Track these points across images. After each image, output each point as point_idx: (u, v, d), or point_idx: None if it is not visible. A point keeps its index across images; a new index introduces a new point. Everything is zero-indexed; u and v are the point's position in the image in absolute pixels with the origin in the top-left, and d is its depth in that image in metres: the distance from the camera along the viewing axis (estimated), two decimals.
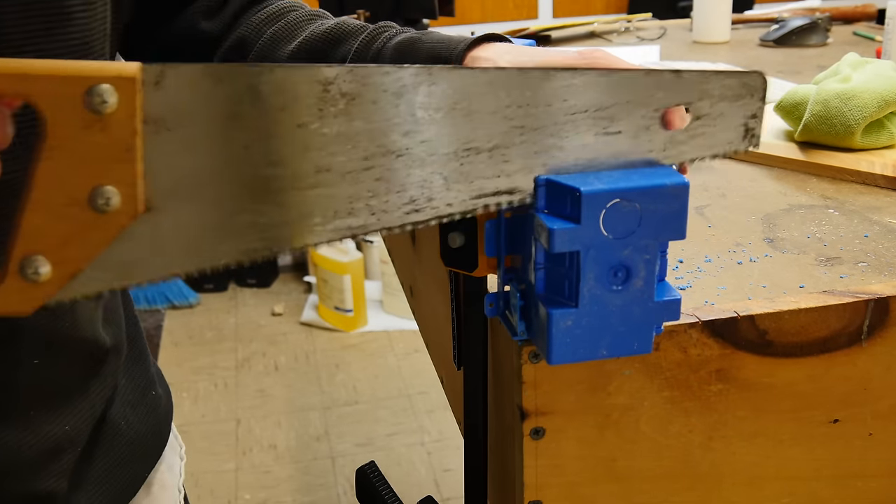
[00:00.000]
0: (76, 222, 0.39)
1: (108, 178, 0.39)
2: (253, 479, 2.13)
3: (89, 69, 0.37)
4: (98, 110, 0.37)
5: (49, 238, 0.39)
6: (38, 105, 0.37)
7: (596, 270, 0.45)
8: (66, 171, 0.38)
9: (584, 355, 0.47)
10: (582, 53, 0.55)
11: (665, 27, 1.73)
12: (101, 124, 0.38)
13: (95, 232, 0.39)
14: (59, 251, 0.39)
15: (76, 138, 0.38)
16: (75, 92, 0.37)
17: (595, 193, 0.43)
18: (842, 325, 0.54)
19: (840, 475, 0.59)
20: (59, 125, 0.37)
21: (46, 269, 0.39)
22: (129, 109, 0.38)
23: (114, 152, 0.38)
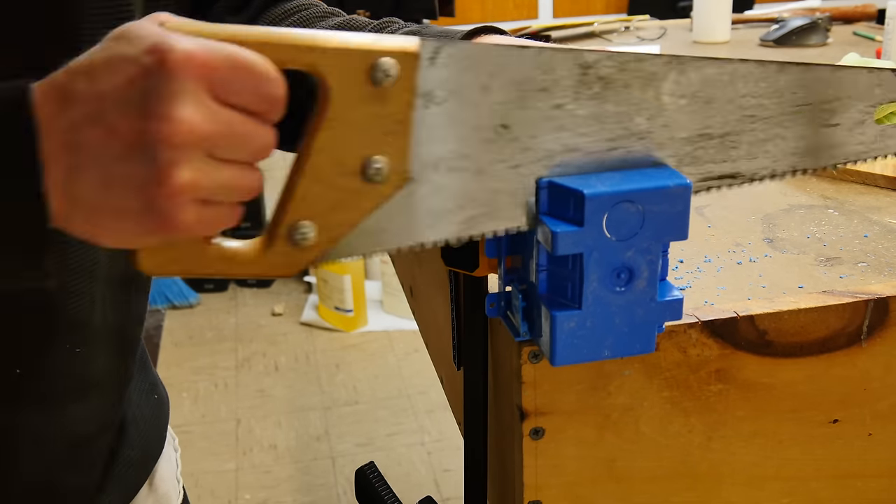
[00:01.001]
0: (346, 191, 0.41)
1: (380, 149, 0.41)
2: (253, 479, 2.13)
3: (374, 44, 0.39)
4: (380, 83, 0.39)
5: (319, 205, 0.41)
6: (324, 76, 0.39)
7: (599, 272, 0.45)
8: (343, 141, 0.40)
9: (587, 356, 0.47)
10: None
11: (665, 27, 1.73)
12: (380, 97, 0.40)
13: (362, 200, 0.41)
14: (326, 217, 0.41)
15: (356, 109, 0.40)
16: (361, 65, 0.39)
17: (598, 196, 0.43)
18: (841, 325, 0.54)
19: (840, 475, 0.59)
20: (342, 96, 0.39)
21: (313, 234, 0.41)
22: (407, 83, 0.40)
23: (388, 124, 0.40)
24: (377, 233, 0.42)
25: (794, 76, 0.48)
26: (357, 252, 0.43)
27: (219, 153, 0.37)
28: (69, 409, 0.61)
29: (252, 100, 0.38)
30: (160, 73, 0.36)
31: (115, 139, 0.36)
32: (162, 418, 0.75)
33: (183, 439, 2.26)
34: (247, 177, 0.39)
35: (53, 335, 0.58)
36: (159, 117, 0.36)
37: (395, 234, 0.43)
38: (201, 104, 0.36)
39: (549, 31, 1.63)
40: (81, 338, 0.60)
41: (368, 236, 0.42)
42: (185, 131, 0.36)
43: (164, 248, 0.40)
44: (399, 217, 0.42)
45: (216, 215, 0.39)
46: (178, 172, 0.36)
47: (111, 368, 0.64)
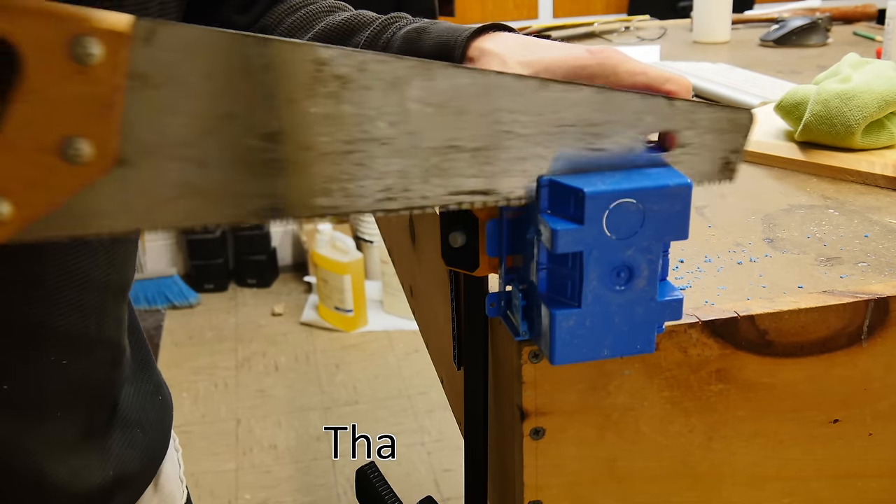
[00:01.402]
0: (43, 169, 0.38)
1: (82, 129, 0.38)
2: (253, 479, 2.13)
3: (78, 15, 0.36)
4: (82, 61, 0.37)
5: (13, 180, 0.38)
6: (19, 44, 0.36)
7: (599, 271, 0.45)
8: (40, 117, 0.37)
9: (586, 355, 0.47)
10: (592, 51, 0.55)
11: (665, 27, 1.73)
12: (84, 76, 0.37)
13: (62, 180, 0.39)
14: (23, 194, 0.39)
15: (55, 85, 0.37)
16: (60, 38, 0.36)
17: (599, 194, 0.43)
18: (842, 325, 0.54)
19: (840, 475, 0.59)
20: (39, 69, 0.36)
21: (7, 209, 0.39)
22: (114, 64, 0.37)
23: (92, 105, 0.38)
24: (87, 215, 0.40)
25: (556, 94, 0.45)
26: (65, 231, 0.40)
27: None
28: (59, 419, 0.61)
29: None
30: None
31: None
32: (166, 420, 0.75)
33: (183, 439, 2.27)
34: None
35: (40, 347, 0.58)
36: None
37: (108, 217, 0.41)
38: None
39: (549, 31, 1.63)
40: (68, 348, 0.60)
41: (77, 217, 0.40)
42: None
43: None
44: (112, 200, 0.40)
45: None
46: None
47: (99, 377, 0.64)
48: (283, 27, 0.67)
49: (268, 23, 0.67)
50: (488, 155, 0.45)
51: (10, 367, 0.58)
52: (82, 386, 0.63)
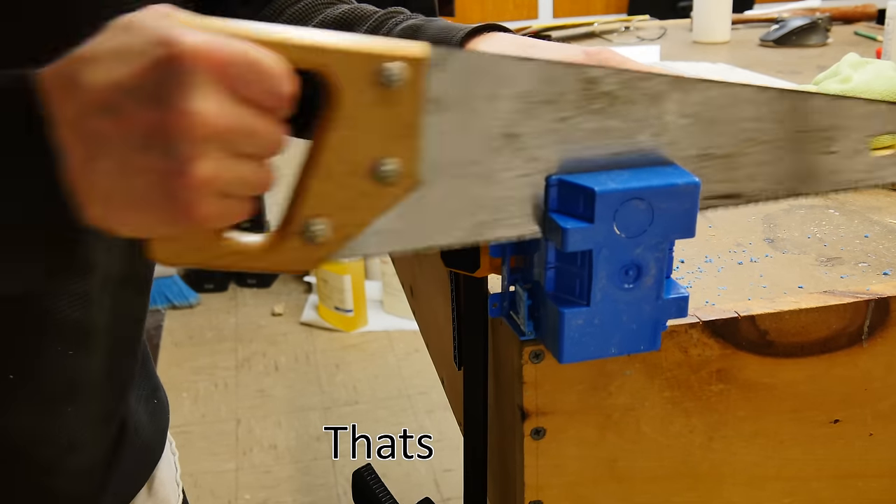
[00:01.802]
0: (357, 190, 0.42)
1: (390, 151, 0.41)
2: (253, 479, 2.13)
3: (382, 47, 0.40)
4: (389, 86, 0.40)
5: (331, 203, 0.42)
6: (332, 77, 0.39)
7: (608, 269, 0.45)
8: (353, 142, 0.41)
9: (594, 353, 0.47)
10: (588, 53, 0.55)
11: (665, 27, 1.73)
12: (390, 99, 0.40)
13: (373, 201, 0.42)
14: (339, 216, 0.42)
15: (365, 111, 0.40)
16: (370, 67, 0.40)
17: (609, 193, 0.44)
18: (842, 325, 0.54)
19: (840, 475, 0.59)
20: (351, 97, 0.40)
21: (326, 231, 0.42)
22: (416, 88, 0.41)
23: (398, 127, 0.41)
24: (389, 233, 0.43)
25: (794, 103, 0.49)
26: (369, 251, 0.43)
27: (234, 148, 0.38)
28: (63, 412, 0.61)
29: (263, 96, 0.38)
30: (172, 66, 0.36)
31: (129, 129, 0.36)
32: (161, 423, 0.75)
33: (183, 439, 2.27)
34: (260, 172, 0.39)
35: (46, 337, 0.58)
36: (177, 110, 0.36)
37: (406, 235, 0.44)
38: (216, 98, 0.37)
39: (549, 31, 1.63)
40: (76, 340, 0.60)
41: (380, 236, 0.43)
42: (204, 124, 0.36)
43: (179, 239, 0.40)
44: (410, 219, 0.43)
45: (231, 208, 0.39)
46: (199, 165, 0.37)
47: (107, 370, 0.64)
48: (282, 19, 0.67)
49: (268, 14, 0.68)
50: (736, 161, 0.49)
51: (24, 359, 0.57)
52: (91, 380, 0.62)
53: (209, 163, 0.37)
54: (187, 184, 0.37)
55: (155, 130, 0.36)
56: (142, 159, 0.37)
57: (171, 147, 0.36)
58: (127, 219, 0.39)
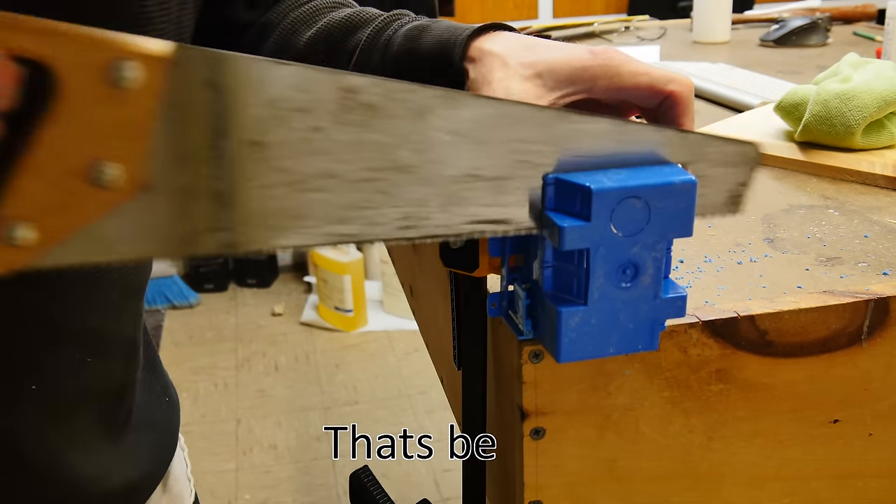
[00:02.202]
0: (69, 193, 0.38)
1: (112, 153, 0.38)
2: (253, 479, 2.13)
3: (116, 41, 0.36)
4: (118, 85, 0.36)
5: (38, 204, 0.38)
6: (55, 68, 0.36)
7: (605, 268, 0.45)
8: (71, 141, 0.37)
9: (592, 353, 0.47)
10: (594, 52, 0.55)
11: (665, 27, 1.73)
12: (118, 99, 0.37)
13: (87, 205, 0.38)
14: (46, 219, 0.38)
15: (88, 109, 0.37)
16: (98, 62, 0.36)
17: (606, 191, 0.44)
18: (842, 325, 0.54)
19: (840, 475, 0.59)
20: (73, 93, 0.36)
21: (30, 234, 0.38)
22: (151, 89, 0.37)
23: (124, 129, 0.38)
24: (108, 241, 0.40)
25: (575, 126, 0.45)
26: (83, 258, 0.40)
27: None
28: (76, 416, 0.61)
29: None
30: None
31: None
32: (174, 420, 0.75)
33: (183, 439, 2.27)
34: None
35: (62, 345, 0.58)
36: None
37: (129, 244, 0.40)
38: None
39: (549, 31, 1.63)
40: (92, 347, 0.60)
41: (94, 243, 0.39)
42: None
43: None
44: (134, 227, 0.40)
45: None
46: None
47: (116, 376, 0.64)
48: (286, 22, 0.67)
49: (271, 18, 0.67)
50: (506, 184, 0.45)
51: (33, 364, 0.58)
52: (102, 384, 0.63)
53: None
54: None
55: None
56: None
57: None
58: None
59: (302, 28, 0.66)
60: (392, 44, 0.61)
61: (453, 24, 0.61)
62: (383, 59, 0.61)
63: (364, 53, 0.62)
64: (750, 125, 0.93)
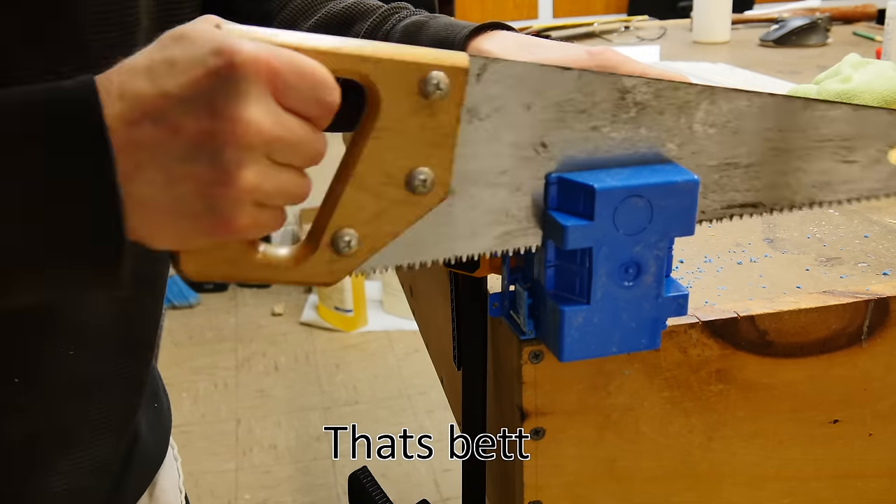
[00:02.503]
0: (390, 200, 0.41)
1: (426, 160, 0.41)
2: (253, 479, 2.13)
3: (427, 57, 0.40)
4: (430, 96, 0.40)
5: (363, 214, 0.41)
6: (375, 86, 0.39)
7: (608, 267, 0.45)
8: (390, 152, 0.41)
9: (595, 352, 0.47)
10: (592, 53, 0.55)
11: (665, 27, 1.73)
12: (429, 109, 0.40)
13: (405, 211, 0.42)
14: (370, 226, 0.42)
15: (405, 121, 0.40)
16: (413, 77, 0.39)
17: (609, 190, 0.44)
18: (842, 325, 0.54)
19: (840, 475, 0.59)
20: (392, 107, 0.40)
21: (356, 242, 0.41)
22: (456, 98, 0.41)
23: (435, 137, 0.41)
24: (416, 243, 0.43)
25: (819, 113, 0.49)
26: (396, 262, 0.43)
27: (278, 157, 0.38)
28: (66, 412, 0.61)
29: (310, 106, 0.38)
30: (228, 75, 0.36)
31: (179, 138, 0.36)
32: (163, 428, 0.74)
33: (183, 439, 2.27)
34: (299, 182, 0.39)
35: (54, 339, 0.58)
36: (228, 118, 0.36)
37: (432, 245, 0.44)
38: (267, 107, 0.37)
39: (549, 32, 1.63)
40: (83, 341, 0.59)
41: (408, 247, 0.43)
42: (253, 133, 0.36)
43: (210, 251, 0.40)
44: (438, 229, 0.43)
45: (267, 219, 0.39)
46: (244, 174, 0.36)
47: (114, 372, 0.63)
48: (285, 12, 0.67)
49: (269, 9, 0.67)
50: (758, 170, 0.49)
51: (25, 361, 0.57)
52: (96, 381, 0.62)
53: (253, 172, 0.37)
54: (230, 193, 0.37)
55: (205, 139, 0.36)
56: (187, 168, 0.36)
57: (219, 155, 0.36)
58: (164, 229, 0.38)
59: (300, 19, 0.66)
60: (391, 38, 0.61)
61: (451, 21, 0.61)
62: None
63: None
64: None
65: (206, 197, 0.37)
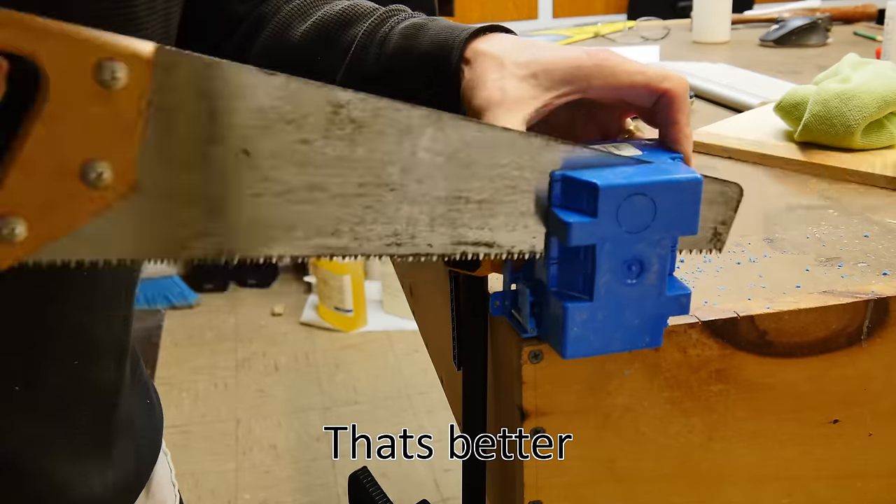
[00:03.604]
0: (62, 191, 0.38)
1: (103, 153, 0.38)
2: (253, 479, 2.13)
3: (104, 41, 0.37)
4: (107, 84, 0.37)
5: (30, 201, 0.38)
6: (43, 66, 0.36)
7: (611, 264, 0.45)
8: (62, 139, 0.38)
9: (597, 349, 0.47)
10: (590, 54, 0.55)
11: (668, 27, 1.73)
12: (107, 99, 0.37)
13: (80, 204, 0.39)
14: (39, 216, 0.39)
15: (78, 107, 0.37)
16: (86, 61, 0.36)
17: (612, 187, 0.44)
18: (841, 325, 0.54)
19: (840, 475, 0.59)
20: (63, 91, 0.37)
21: (22, 230, 0.38)
22: (138, 89, 0.38)
23: (114, 129, 0.38)
24: (99, 240, 0.40)
25: (560, 154, 0.46)
26: (75, 256, 0.40)
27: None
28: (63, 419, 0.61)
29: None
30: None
31: None
32: (155, 422, 0.74)
33: (182, 439, 2.27)
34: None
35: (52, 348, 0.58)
36: None
37: (120, 244, 0.41)
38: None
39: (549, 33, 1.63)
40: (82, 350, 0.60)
41: (89, 242, 0.40)
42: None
43: None
44: (125, 227, 0.40)
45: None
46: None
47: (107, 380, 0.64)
48: (280, 15, 0.66)
49: (265, 11, 0.67)
50: (493, 208, 0.46)
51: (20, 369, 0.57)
52: (91, 388, 0.62)
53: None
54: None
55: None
56: None
57: None
58: None
59: (296, 22, 0.65)
60: (388, 41, 0.61)
61: (450, 24, 0.61)
62: (379, 56, 0.60)
63: (360, 50, 0.61)
64: (750, 125, 0.93)
65: None
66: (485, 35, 0.58)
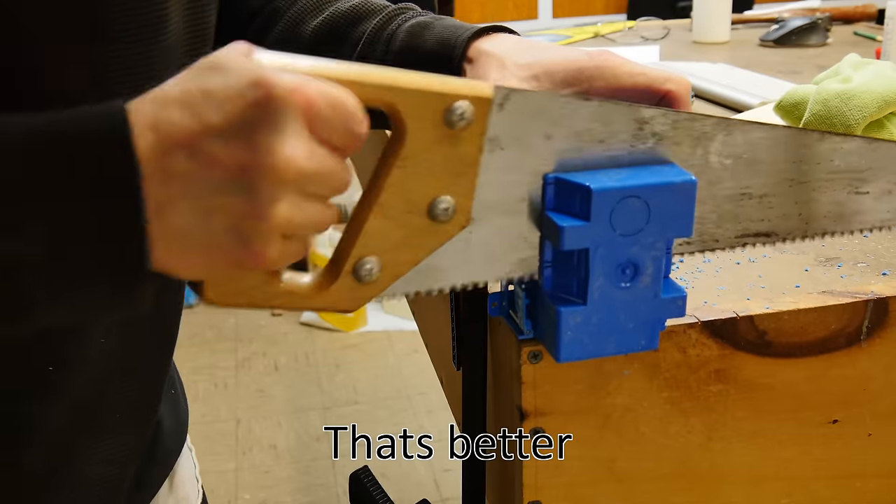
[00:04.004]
0: (412, 229, 0.42)
1: (448, 189, 0.42)
2: (253, 479, 2.13)
3: (451, 86, 0.40)
4: (454, 126, 0.40)
5: (385, 242, 0.42)
6: (400, 115, 0.39)
7: (604, 267, 0.45)
8: (414, 180, 0.41)
9: (591, 352, 0.47)
10: (591, 55, 0.55)
11: (668, 27, 1.73)
12: (453, 139, 0.41)
13: (426, 239, 0.42)
14: (391, 254, 0.42)
15: (429, 150, 0.40)
16: (438, 107, 0.40)
17: (605, 190, 0.44)
18: (841, 325, 0.54)
19: (839, 475, 0.59)
20: (417, 136, 0.40)
21: (377, 270, 0.42)
22: (479, 127, 0.41)
23: (458, 166, 0.42)
24: (435, 271, 0.43)
25: (833, 145, 0.50)
26: (416, 288, 0.44)
27: (309, 189, 0.38)
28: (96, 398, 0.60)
29: (340, 136, 0.38)
30: (267, 107, 0.35)
31: (214, 171, 0.36)
32: (180, 414, 0.75)
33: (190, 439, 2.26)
34: (326, 212, 0.39)
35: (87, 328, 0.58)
36: (266, 151, 0.36)
37: (451, 272, 0.44)
38: (302, 140, 0.37)
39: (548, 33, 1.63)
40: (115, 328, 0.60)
41: (427, 273, 0.43)
42: (290, 168, 0.36)
43: (233, 279, 0.40)
44: (457, 256, 0.44)
45: (293, 249, 0.39)
46: (277, 208, 0.36)
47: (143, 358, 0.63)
48: (293, 10, 0.67)
49: (280, 5, 0.68)
50: (772, 200, 0.50)
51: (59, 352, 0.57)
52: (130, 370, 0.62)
53: (286, 205, 0.37)
54: (263, 226, 0.36)
55: (241, 172, 0.36)
56: (221, 200, 0.36)
57: (255, 189, 0.36)
58: (192, 260, 0.38)
59: (308, 17, 0.66)
60: (395, 38, 0.61)
61: (455, 23, 0.62)
62: (385, 53, 0.61)
63: (367, 45, 0.62)
64: None
65: (238, 229, 0.37)
66: (488, 35, 0.59)
